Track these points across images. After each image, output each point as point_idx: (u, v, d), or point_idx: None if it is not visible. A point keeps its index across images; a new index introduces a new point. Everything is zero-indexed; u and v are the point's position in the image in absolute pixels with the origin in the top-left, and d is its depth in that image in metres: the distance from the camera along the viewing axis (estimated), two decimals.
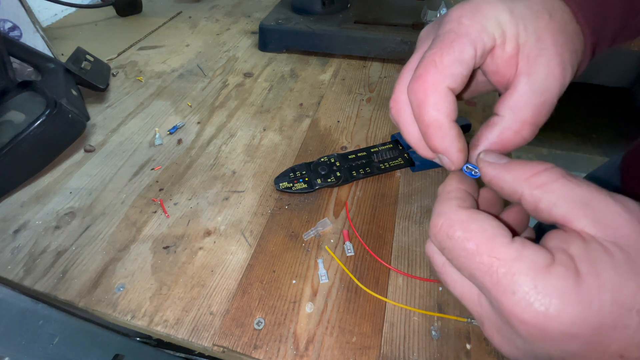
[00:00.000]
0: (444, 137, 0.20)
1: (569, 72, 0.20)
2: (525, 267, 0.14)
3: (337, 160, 0.40)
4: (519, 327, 0.14)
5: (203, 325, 0.29)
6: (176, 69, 0.59)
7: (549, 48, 0.19)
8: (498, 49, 0.19)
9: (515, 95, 0.19)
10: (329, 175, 0.39)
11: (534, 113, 0.19)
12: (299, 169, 0.40)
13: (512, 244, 0.15)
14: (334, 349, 0.27)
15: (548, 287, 0.13)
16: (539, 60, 0.19)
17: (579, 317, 0.13)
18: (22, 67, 0.49)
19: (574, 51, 0.20)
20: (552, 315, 0.13)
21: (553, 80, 0.19)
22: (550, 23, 0.20)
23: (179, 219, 0.36)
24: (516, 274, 0.14)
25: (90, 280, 0.31)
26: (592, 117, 2.04)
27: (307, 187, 0.38)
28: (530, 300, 0.13)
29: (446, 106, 0.19)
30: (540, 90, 0.19)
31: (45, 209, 0.37)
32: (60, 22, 0.75)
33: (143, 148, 0.44)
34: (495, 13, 0.19)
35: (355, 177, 0.39)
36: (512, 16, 0.19)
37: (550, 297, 0.13)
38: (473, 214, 0.17)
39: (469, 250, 0.16)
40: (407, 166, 0.40)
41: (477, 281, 0.16)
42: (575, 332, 0.13)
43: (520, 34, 0.19)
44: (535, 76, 0.19)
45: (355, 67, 0.59)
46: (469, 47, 0.19)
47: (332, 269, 0.32)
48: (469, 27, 0.19)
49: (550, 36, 0.19)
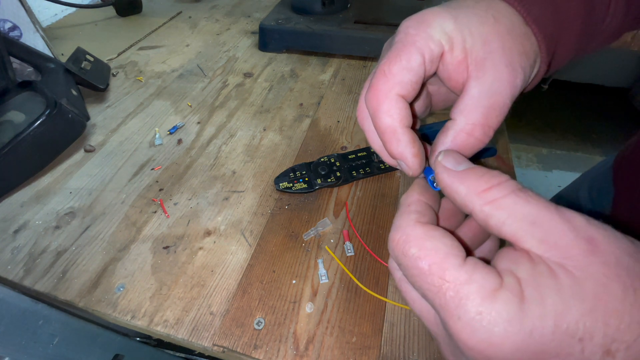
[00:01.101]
0: (398, 143, 0.20)
1: (519, 73, 0.20)
2: (473, 291, 0.14)
3: (337, 160, 0.40)
4: (465, 351, 0.14)
5: (203, 325, 0.29)
6: (176, 69, 0.59)
7: (495, 51, 0.19)
8: (447, 55, 0.20)
9: (466, 99, 0.20)
10: (329, 175, 0.39)
11: (484, 115, 0.19)
12: (299, 169, 0.40)
13: (463, 266, 0.15)
14: (334, 349, 0.27)
15: (492, 314, 0.13)
16: (486, 64, 0.19)
17: (521, 344, 0.13)
18: (22, 67, 0.49)
19: (523, 52, 0.20)
20: (495, 343, 0.13)
21: (502, 82, 0.19)
22: (496, 26, 0.20)
23: (179, 219, 0.36)
24: (463, 298, 0.14)
25: (90, 280, 0.31)
26: (592, 117, 2.04)
27: (307, 187, 0.38)
28: (474, 327, 0.14)
29: (397, 112, 0.20)
30: (489, 92, 0.19)
31: (45, 209, 0.37)
32: (60, 22, 0.75)
33: (143, 148, 0.44)
34: (440, 22, 0.20)
35: (355, 177, 0.39)
36: (456, 23, 0.20)
37: (493, 324, 0.13)
38: (429, 230, 0.17)
39: (422, 270, 0.16)
40: None
41: (429, 301, 0.16)
42: (518, 359, 0.13)
43: (467, 39, 0.20)
44: (484, 79, 0.19)
45: (355, 67, 0.59)
46: (416, 55, 0.19)
47: (332, 269, 0.32)
48: (415, 37, 0.20)
49: (497, 39, 0.20)
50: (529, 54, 0.21)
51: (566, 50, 0.24)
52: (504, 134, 0.46)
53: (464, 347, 0.14)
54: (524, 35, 0.21)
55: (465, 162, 0.18)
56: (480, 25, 0.20)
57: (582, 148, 1.85)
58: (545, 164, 1.77)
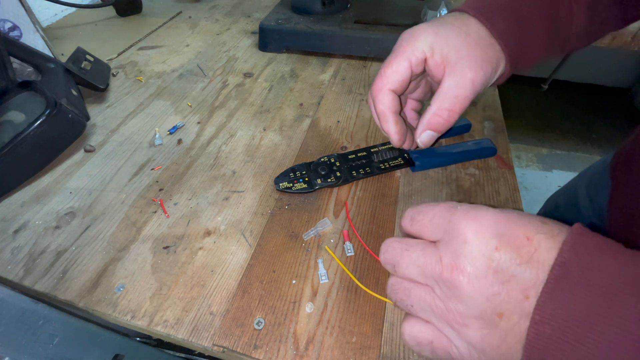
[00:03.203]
0: (387, 123, 0.32)
1: (479, 75, 0.28)
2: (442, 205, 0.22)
3: (337, 160, 0.40)
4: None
5: (203, 325, 0.29)
6: (176, 69, 0.59)
7: (464, 57, 0.28)
8: (429, 60, 0.29)
9: (439, 91, 0.29)
10: (329, 175, 0.39)
11: (451, 102, 0.28)
12: (299, 169, 0.40)
13: None
14: (334, 349, 0.27)
15: None
16: (456, 66, 0.28)
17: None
18: (22, 67, 0.49)
19: (486, 59, 0.28)
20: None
21: (465, 81, 0.28)
22: (467, 39, 0.28)
23: (179, 219, 0.36)
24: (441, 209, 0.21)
25: (90, 280, 0.31)
26: (592, 117, 2.04)
27: (307, 187, 0.38)
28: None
29: (387, 101, 0.31)
30: (456, 87, 0.28)
31: (45, 209, 0.37)
32: (60, 22, 0.75)
33: (143, 148, 0.44)
34: (425, 36, 0.29)
35: (355, 177, 0.39)
36: (436, 36, 0.29)
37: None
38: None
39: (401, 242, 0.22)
40: (407, 166, 0.40)
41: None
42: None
43: (444, 48, 0.28)
44: (452, 77, 0.28)
45: (355, 67, 0.59)
46: (404, 61, 0.29)
47: (332, 269, 0.32)
48: (406, 47, 0.29)
49: (466, 49, 0.28)
50: (492, 60, 0.28)
51: (534, 53, 0.31)
52: (504, 133, 0.46)
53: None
54: (490, 45, 0.29)
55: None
56: (455, 37, 0.28)
57: (582, 148, 1.85)
58: (545, 164, 1.77)
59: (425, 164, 0.40)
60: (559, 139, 1.90)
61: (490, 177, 0.40)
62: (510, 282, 0.17)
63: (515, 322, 0.17)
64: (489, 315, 0.18)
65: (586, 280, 0.16)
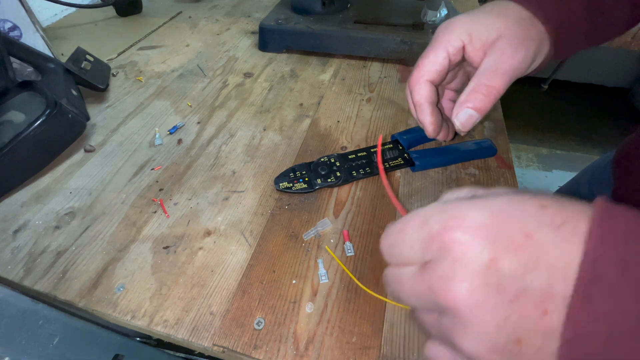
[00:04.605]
0: (422, 112, 0.31)
1: (520, 51, 0.27)
2: (433, 206, 0.18)
3: (337, 160, 0.40)
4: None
5: (203, 325, 0.29)
6: (176, 69, 0.59)
7: (504, 36, 0.27)
8: (468, 46, 0.28)
9: (478, 70, 0.28)
10: (329, 175, 0.39)
11: (490, 77, 0.27)
12: (299, 169, 0.40)
13: None
14: (334, 349, 0.27)
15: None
16: (496, 45, 0.27)
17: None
18: (22, 67, 0.49)
19: (528, 37, 0.27)
20: None
21: (505, 56, 0.27)
22: (507, 21, 0.27)
23: (179, 219, 0.36)
24: (428, 212, 0.18)
25: (90, 280, 0.31)
26: (592, 117, 2.04)
27: (307, 187, 0.38)
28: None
29: (424, 92, 0.30)
30: (495, 63, 0.27)
31: (45, 209, 0.37)
32: (60, 22, 0.75)
33: (143, 148, 0.44)
34: (462, 24, 0.29)
35: (355, 177, 0.39)
36: (473, 23, 0.28)
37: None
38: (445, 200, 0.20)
39: (395, 229, 0.19)
40: (407, 166, 0.40)
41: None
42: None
43: (482, 33, 0.28)
44: (491, 56, 0.27)
45: (355, 67, 0.59)
46: (442, 51, 0.29)
47: (332, 269, 0.32)
48: (442, 38, 0.29)
49: (506, 28, 0.27)
50: (534, 38, 0.27)
51: (576, 39, 0.30)
52: (504, 133, 0.46)
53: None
54: (533, 26, 0.28)
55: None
56: (494, 22, 0.27)
57: (582, 148, 1.85)
58: (545, 164, 1.77)
59: (425, 164, 0.40)
60: (559, 139, 1.90)
61: (490, 177, 0.40)
62: (519, 298, 0.14)
63: (539, 346, 0.14)
64: (504, 346, 0.14)
65: (631, 278, 0.12)
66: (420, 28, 0.57)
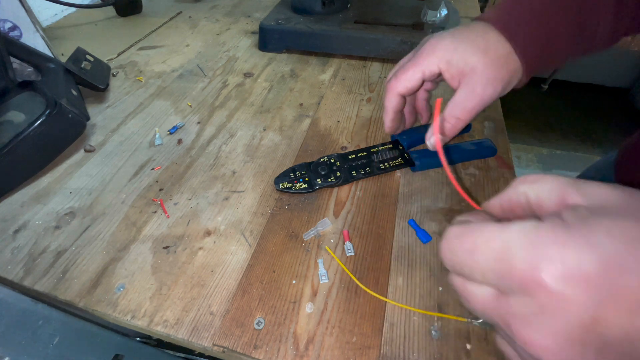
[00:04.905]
0: (386, 115, 0.37)
1: (488, 91, 0.30)
2: (516, 232, 0.14)
3: (337, 160, 0.40)
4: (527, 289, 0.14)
5: (203, 325, 0.29)
6: (176, 69, 0.59)
7: (477, 74, 0.30)
8: (446, 73, 0.32)
9: (452, 100, 0.32)
10: (329, 175, 0.39)
11: (459, 111, 0.31)
12: (299, 169, 0.40)
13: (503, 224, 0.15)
14: (334, 349, 0.27)
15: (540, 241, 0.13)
16: (469, 81, 0.31)
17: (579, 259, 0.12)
18: (22, 67, 0.49)
19: (499, 78, 0.30)
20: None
21: (474, 95, 0.31)
22: (484, 59, 0.30)
23: (179, 219, 0.36)
24: (510, 241, 0.14)
25: (90, 280, 0.31)
26: (592, 117, 2.04)
27: (307, 187, 0.38)
28: (535, 262, 0.13)
29: (393, 102, 0.35)
30: (465, 98, 0.31)
31: (45, 209, 0.37)
32: (60, 22, 0.75)
33: (143, 148, 0.44)
34: (444, 51, 0.32)
35: (355, 177, 0.39)
36: (455, 52, 0.31)
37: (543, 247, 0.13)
38: (465, 225, 0.17)
39: (467, 249, 0.16)
40: (407, 166, 0.40)
41: (503, 282, 0.14)
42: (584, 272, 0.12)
43: (460, 63, 0.31)
44: (464, 89, 0.31)
45: (355, 67, 0.59)
46: (418, 73, 0.33)
47: (332, 269, 0.32)
48: (424, 59, 0.32)
49: (481, 66, 0.30)
50: (504, 78, 0.31)
51: (556, 60, 0.32)
52: (504, 133, 0.46)
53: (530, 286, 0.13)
54: (506, 64, 0.31)
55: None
56: (472, 55, 0.30)
57: (582, 148, 1.85)
58: (545, 164, 1.77)
59: (425, 164, 0.40)
60: (559, 139, 1.90)
61: (490, 177, 0.40)
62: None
63: None
64: None
65: None
66: (420, 28, 0.57)
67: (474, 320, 0.28)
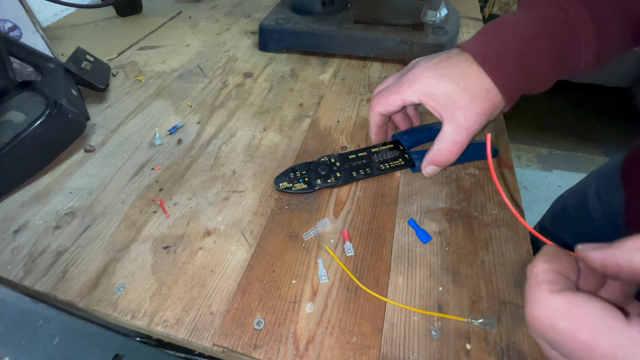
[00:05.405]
0: (370, 129, 0.40)
1: (474, 124, 0.32)
2: None
3: (337, 161, 0.40)
4: None
5: (203, 325, 0.29)
6: (176, 69, 0.59)
7: (460, 108, 0.32)
8: (427, 104, 0.34)
9: (440, 133, 0.34)
10: (329, 175, 0.39)
11: (449, 145, 0.33)
12: (299, 169, 0.40)
13: (631, 326, 0.14)
14: (334, 349, 0.27)
15: None
16: (454, 115, 0.32)
17: None
18: (22, 67, 0.49)
19: (482, 112, 0.32)
20: None
21: (461, 128, 0.32)
22: (464, 95, 0.31)
23: (179, 219, 0.36)
24: None
25: (90, 280, 0.31)
26: (592, 117, 2.04)
27: (307, 187, 0.38)
28: None
29: (375, 119, 0.38)
30: (453, 132, 0.33)
31: (45, 209, 0.37)
32: (60, 22, 0.75)
33: (143, 148, 0.44)
34: (424, 85, 0.33)
35: (356, 178, 0.39)
36: (436, 87, 0.33)
37: None
38: (571, 298, 0.16)
39: (584, 342, 0.14)
40: (407, 167, 0.40)
41: None
42: None
43: (441, 98, 0.32)
44: (450, 123, 0.33)
45: (355, 67, 0.59)
46: (399, 100, 0.35)
47: (332, 269, 0.32)
48: (405, 90, 0.34)
49: (463, 102, 0.32)
50: (487, 112, 0.32)
51: (538, 89, 0.33)
52: (504, 133, 0.46)
53: None
54: (488, 99, 0.31)
55: (599, 244, 0.19)
56: (454, 91, 0.32)
57: (582, 148, 1.85)
58: (545, 164, 1.77)
59: None
60: (559, 139, 1.90)
61: (490, 177, 0.40)
62: None
63: None
64: None
65: None
66: (420, 28, 0.57)
67: (474, 320, 0.28)
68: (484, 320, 0.28)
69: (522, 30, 0.31)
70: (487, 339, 0.27)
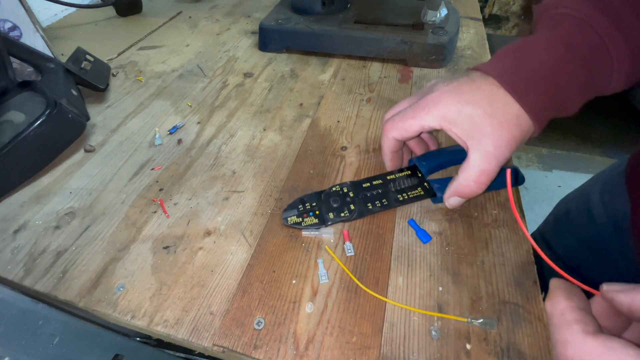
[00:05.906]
0: (384, 156, 0.37)
1: (504, 152, 0.29)
2: None
3: (350, 190, 0.36)
4: None
5: (203, 325, 0.29)
6: (176, 69, 0.59)
7: (487, 135, 0.29)
8: (449, 132, 0.30)
9: (466, 162, 0.30)
10: (342, 208, 0.35)
11: (477, 175, 0.30)
12: (308, 200, 0.36)
13: None
14: (334, 349, 0.27)
15: None
16: (480, 143, 0.29)
17: None
18: (22, 67, 0.49)
19: (511, 139, 0.29)
20: None
21: (489, 157, 0.29)
22: (491, 120, 0.29)
23: (179, 219, 0.36)
24: None
25: (90, 280, 0.31)
26: (592, 117, 2.04)
27: (318, 222, 0.34)
28: None
29: (389, 144, 0.35)
30: (481, 161, 0.29)
31: (45, 209, 0.37)
32: (60, 22, 0.75)
33: (143, 148, 0.44)
34: (445, 111, 0.30)
35: (372, 211, 0.35)
36: (460, 113, 0.30)
37: None
38: (606, 342, 0.16)
39: None
40: (427, 197, 0.36)
41: None
42: None
43: (465, 124, 0.29)
44: (477, 151, 0.29)
45: (355, 67, 0.59)
46: (417, 126, 0.32)
47: (332, 269, 0.32)
48: (424, 114, 0.31)
49: (490, 128, 0.29)
50: (516, 138, 0.29)
51: (568, 112, 0.31)
52: None
53: None
54: (517, 125, 0.29)
55: (626, 285, 0.19)
56: (478, 117, 0.29)
57: (582, 148, 1.85)
58: (545, 164, 1.77)
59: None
60: (559, 139, 1.90)
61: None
62: None
63: None
64: None
65: None
66: (420, 28, 0.57)
67: (474, 320, 0.28)
68: (484, 320, 0.28)
69: (550, 52, 0.28)
70: (487, 339, 0.27)
